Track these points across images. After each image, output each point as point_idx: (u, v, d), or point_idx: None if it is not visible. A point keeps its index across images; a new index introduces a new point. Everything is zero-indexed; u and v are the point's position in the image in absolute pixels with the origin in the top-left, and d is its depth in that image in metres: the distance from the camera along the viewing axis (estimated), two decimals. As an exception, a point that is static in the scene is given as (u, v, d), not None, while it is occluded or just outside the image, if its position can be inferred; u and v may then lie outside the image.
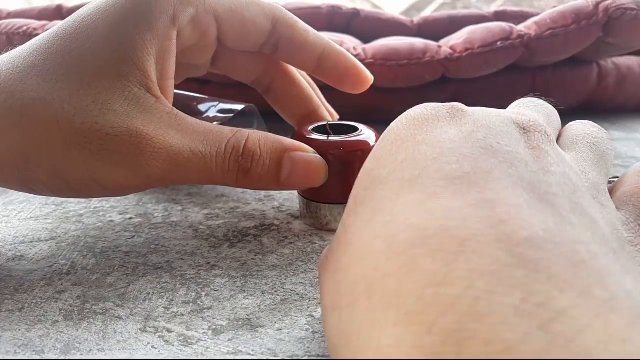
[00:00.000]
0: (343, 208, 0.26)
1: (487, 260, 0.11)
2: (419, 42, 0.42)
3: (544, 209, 0.13)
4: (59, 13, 0.54)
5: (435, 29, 0.51)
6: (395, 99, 0.43)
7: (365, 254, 0.13)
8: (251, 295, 0.21)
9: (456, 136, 0.15)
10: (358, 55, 0.41)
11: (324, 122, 0.28)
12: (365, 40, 0.47)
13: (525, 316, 0.10)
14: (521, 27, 0.41)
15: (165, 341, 0.18)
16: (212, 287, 0.22)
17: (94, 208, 0.29)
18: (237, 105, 0.32)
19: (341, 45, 0.40)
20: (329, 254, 0.16)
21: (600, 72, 0.47)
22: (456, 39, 0.42)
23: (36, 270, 0.23)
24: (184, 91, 0.33)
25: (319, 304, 0.20)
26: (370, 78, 0.29)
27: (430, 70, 0.41)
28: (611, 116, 0.49)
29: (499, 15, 0.52)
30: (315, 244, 0.25)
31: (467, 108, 0.17)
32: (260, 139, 0.24)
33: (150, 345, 0.18)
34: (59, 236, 0.26)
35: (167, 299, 0.21)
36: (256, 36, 0.26)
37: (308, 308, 0.20)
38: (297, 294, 0.21)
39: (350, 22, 0.52)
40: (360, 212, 0.15)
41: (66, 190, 0.23)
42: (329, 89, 0.32)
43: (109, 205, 0.29)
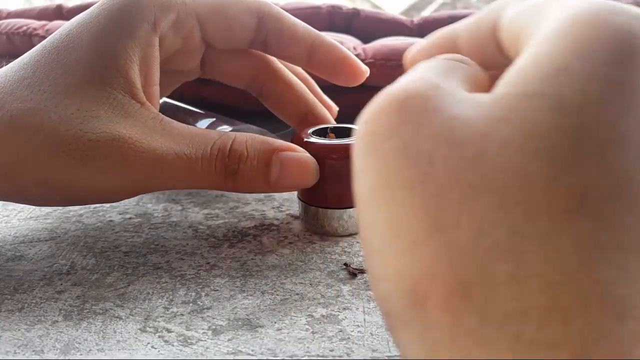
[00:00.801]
0: (342, 213, 0.25)
1: None
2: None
3: None
4: (59, 13, 0.54)
5: (435, 29, 0.51)
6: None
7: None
8: (251, 295, 0.21)
9: None
10: (358, 55, 0.41)
11: (326, 126, 0.27)
12: (365, 40, 0.47)
13: None
14: (521, 27, 0.41)
15: (165, 341, 0.18)
16: (212, 287, 0.22)
17: (94, 208, 0.29)
18: (231, 125, 0.32)
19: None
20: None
21: (601, 72, 0.47)
22: (456, 39, 0.42)
23: (36, 270, 0.23)
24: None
25: (319, 303, 0.20)
26: (365, 70, 0.28)
27: (430, 70, 0.41)
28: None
29: (499, 15, 0.52)
30: (315, 244, 0.25)
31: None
32: (247, 140, 0.23)
33: (150, 345, 0.18)
34: (59, 236, 0.26)
35: (167, 299, 0.21)
36: (242, 33, 0.26)
37: (308, 308, 0.20)
38: (297, 294, 0.21)
39: (350, 22, 0.52)
40: None
41: (55, 198, 0.23)
42: (328, 91, 0.32)
43: (108, 205, 0.29)
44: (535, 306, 0.09)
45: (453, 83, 0.13)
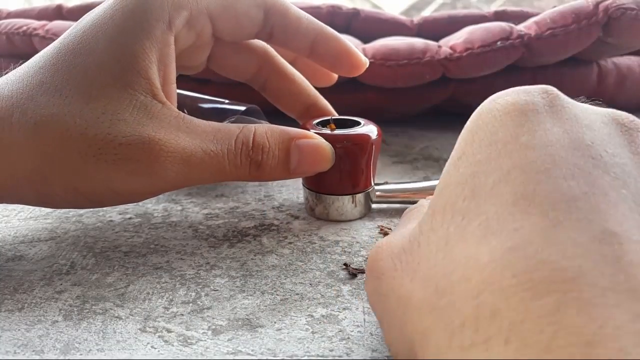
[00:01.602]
0: (343, 199, 0.27)
1: (630, 316, 0.10)
2: (418, 42, 0.42)
3: None
4: (59, 13, 0.54)
5: (435, 29, 0.51)
6: (395, 99, 0.43)
7: (485, 283, 0.12)
8: (251, 295, 0.21)
9: (563, 138, 0.14)
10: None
11: (328, 117, 0.29)
12: (365, 40, 0.47)
13: None
14: (521, 27, 0.41)
15: (165, 341, 0.18)
16: (212, 287, 0.22)
17: (94, 208, 0.29)
18: (240, 106, 0.32)
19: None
20: (405, 254, 0.15)
21: (600, 72, 0.47)
22: (456, 39, 0.42)
23: (36, 270, 0.23)
24: (184, 90, 0.33)
25: (319, 303, 0.20)
26: (365, 62, 0.29)
27: (430, 70, 0.41)
28: (611, 116, 0.49)
29: (499, 15, 0.52)
30: (314, 244, 0.25)
31: (562, 95, 0.15)
32: (267, 132, 0.24)
33: (149, 345, 0.18)
34: (59, 236, 0.26)
35: (167, 299, 0.21)
36: (250, 27, 0.27)
37: (307, 308, 0.20)
38: (297, 294, 0.21)
39: (350, 22, 0.51)
40: (463, 225, 0.13)
41: (82, 202, 0.23)
42: (329, 91, 0.32)
43: (108, 205, 0.29)
44: (468, 315, 0.12)
45: (410, 224, 0.18)
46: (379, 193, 0.28)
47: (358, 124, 0.28)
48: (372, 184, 0.28)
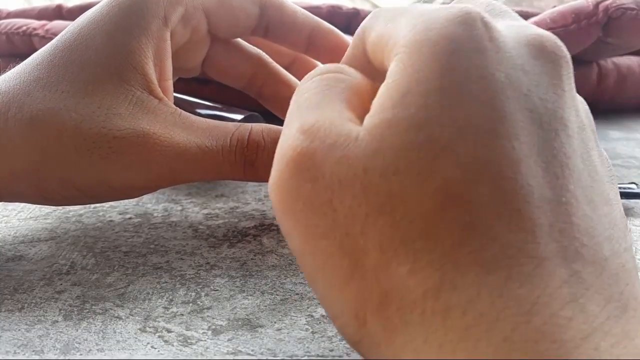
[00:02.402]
0: None
1: (559, 282, 0.12)
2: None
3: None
4: (59, 13, 0.54)
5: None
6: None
7: (445, 257, 0.12)
8: (251, 295, 0.21)
9: (506, 87, 0.13)
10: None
11: None
12: (365, 40, 0.47)
13: None
14: (521, 27, 0.41)
15: (165, 341, 0.18)
16: (212, 287, 0.22)
17: (94, 208, 0.29)
18: (238, 115, 0.32)
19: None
20: (348, 188, 0.13)
21: (600, 72, 0.47)
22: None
23: (36, 270, 0.23)
24: (184, 93, 0.33)
25: (319, 303, 0.20)
26: None
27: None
28: (611, 116, 0.49)
29: (499, 15, 0.52)
30: (315, 244, 0.25)
31: (492, 23, 0.14)
32: (264, 130, 0.24)
33: (149, 345, 0.18)
34: (59, 236, 0.26)
35: (167, 299, 0.21)
36: (246, 22, 0.27)
37: (308, 308, 0.20)
38: (297, 294, 0.21)
39: (350, 22, 0.51)
40: (420, 183, 0.13)
41: (79, 197, 0.23)
42: None
43: (108, 205, 0.29)
44: (432, 285, 0.12)
45: (333, 108, 0.15)
46: None
47: None
48: None
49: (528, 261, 0.12)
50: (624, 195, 0.30)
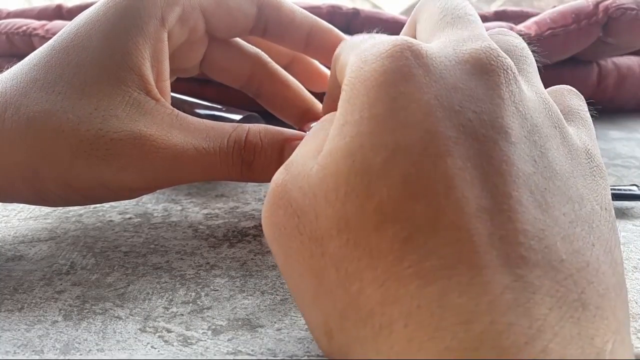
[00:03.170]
0: None
1: (500, 289, 0.12)
2: (418, 42, 0.42)
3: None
4: (59, 13, 0.54)
5: (435, 28, 0.51)
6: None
7: (388, 272, 0.13)
8: (251, 295, 0.21)
9: (436, 108, 0.14)
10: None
11: None
12: (365, 40, 0.47)
13: None
14: (521, 27, 0.41)
15: (165, 341, 0.18)
16: (212, 287, 0.22)
17: (94, 208, 0.29)
18: (237, 115, 0.32)
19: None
20: (305, 214, 0.15)
21: (600, 72, 0.47)
22: (456, 39, 0.42)
23: (35, 270, 0.23)
24: (183, 93, 0.33)
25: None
26: None
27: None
28: (611, 116, 0.49)
29: (499, 15, 0.52)
30: (315, 244, 0.25)
31: (423, 49, 0.15)
32: (261, 131, 0.24)
33: (149, 345, 0.18)
34: (59, 236, 0.26)
35: (167, 299, 0.21)
36: (244, 23, 0.27)
37: (308, 308, 0.20)
38: (297, 294, 0.21)
39: (350, 22, 0.51)
40: (359, 205, 0.14)
41: (76, 198, 0.23)
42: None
43: (108, 205, 0.29)
44: (376, 301, 0.13)
45: (312, 147, 0.16)
46: None
47: None
48: None
49: (466, 271, 0.12)
50: (624, 197, 0.29)
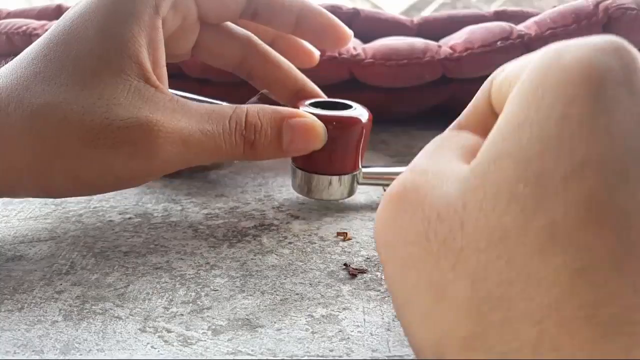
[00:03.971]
0: (331, 179, 0.27)
1: None
2: (419, 42, 0.42)
3: None
4: (59, 13, 0.53)
5: (435, 28, 0.51)
6: (395, 99, 0.43)
7: (549, 308, 0.11)
8: (251, 295, 0.21)
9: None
10: (358, 54, 0.41)
11: (319, 99, 0.29)
12: (365, 40, 0.47)
13: None
14: (521, 27, 0.41)
15: (165, 341, 0.18)
16: (212, 287, 0.22)
17: (94, 208, 0.29)
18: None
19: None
20: (441, 224, 0.13)
21: (600, 72, 0.47)
22: (456, 39, 0.42)
23: (35, 270, 0.23)
24: (183, 91, 0.33)
25: (319, 303, 0.20)
26: (350, 34, 0.29)
27: (430, 70, 0.41)
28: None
29: (499, 15, 0.52)
30: (314, 244, 0.25)
31: (633, 54, 0.13)
32: (259, 111, 0.25)
33: (149, 345, 0.18)
34: (59, 236, 0.26)
35: (167, 299, 0.21)
36: (235, 6, 0.27)
37: (308, 308, 0.20)
38: (297, 294, 0.21)
39: (350, 22, 0.51)
40: (522, 222, 0.12)
41: (83, 189, 0.23)
42: (327, 89, 0.32)
43: (108, 205, 0.29)
44: (527, 342, 0.10)
45: (444, 158, 0.15)
46: (365, 173, 0.29)
47: (350, 107, 0.28)
48: (360, 167, 0.28)
49: None
50: None
